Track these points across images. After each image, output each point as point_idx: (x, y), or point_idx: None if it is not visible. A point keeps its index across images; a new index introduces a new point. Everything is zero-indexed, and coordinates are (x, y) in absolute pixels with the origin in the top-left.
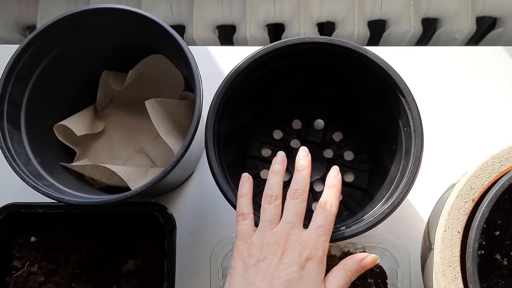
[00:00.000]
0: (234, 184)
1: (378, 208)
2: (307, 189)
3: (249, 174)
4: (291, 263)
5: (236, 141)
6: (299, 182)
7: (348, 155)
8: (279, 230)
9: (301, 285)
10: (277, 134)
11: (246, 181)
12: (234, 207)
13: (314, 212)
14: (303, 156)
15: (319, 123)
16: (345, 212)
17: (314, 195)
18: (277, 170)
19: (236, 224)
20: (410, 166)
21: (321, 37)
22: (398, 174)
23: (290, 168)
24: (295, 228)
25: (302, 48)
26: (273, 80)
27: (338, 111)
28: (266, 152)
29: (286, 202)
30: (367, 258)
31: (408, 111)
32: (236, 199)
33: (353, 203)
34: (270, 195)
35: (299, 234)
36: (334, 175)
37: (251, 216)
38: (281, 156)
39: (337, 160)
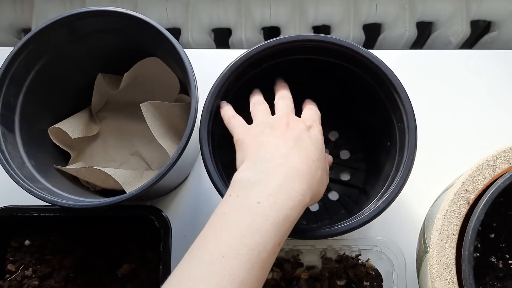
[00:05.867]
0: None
1: (374, 204)
2: (291, 97)
3: None
4: (298, 127)
5: (231, 142)
6: (283, 92)
7: (344, 154)
8: (278, 115)
9: (310, 140)
10: None
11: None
12: None
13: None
14: (280, 85)
15: None
16: (342, 211)
17: None
18: (259, 101)
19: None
20: (404, 161)
21: (314, 34)
22: (393, 170)
23: None
24: (291, 115)
25: (295, 46)
26: (267, 79)
27: (333, 110)
28: None
29: (275, 104)
30: None
31: (401, 106)
32: None
33: (349, 202)
34: (257, 102)
35: (296, 117)
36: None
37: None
38: (256, 90)
39: (333, 159)
